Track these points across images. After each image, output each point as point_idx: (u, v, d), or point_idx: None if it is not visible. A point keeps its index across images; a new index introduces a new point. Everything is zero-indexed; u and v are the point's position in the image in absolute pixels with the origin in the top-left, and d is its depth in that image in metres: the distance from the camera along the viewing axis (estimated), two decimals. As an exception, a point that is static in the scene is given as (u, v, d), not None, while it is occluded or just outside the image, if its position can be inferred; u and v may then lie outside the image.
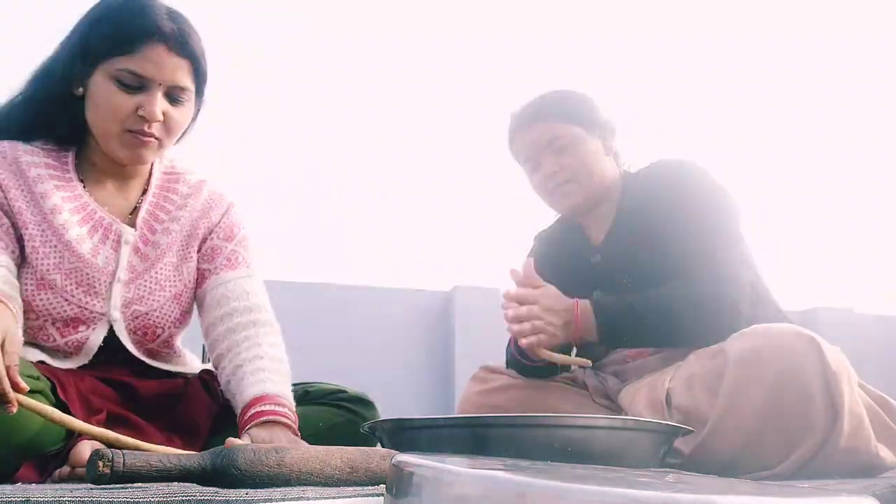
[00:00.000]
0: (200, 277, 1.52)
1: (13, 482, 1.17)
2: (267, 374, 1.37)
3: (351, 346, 4.78)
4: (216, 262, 1.51)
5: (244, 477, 0.80)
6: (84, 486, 0.95)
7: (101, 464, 0.77)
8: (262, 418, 1.28)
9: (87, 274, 1.38)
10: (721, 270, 1.53)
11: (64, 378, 1.32)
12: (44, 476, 1.24)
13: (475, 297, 5.07)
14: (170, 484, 0.86)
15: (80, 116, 1.39)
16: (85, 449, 1.22)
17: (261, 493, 0.77)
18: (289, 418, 1.30)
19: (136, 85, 1.34)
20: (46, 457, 1.24)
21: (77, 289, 1.37)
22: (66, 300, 1.36)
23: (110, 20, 1.35)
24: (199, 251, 1.52)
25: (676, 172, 1.68)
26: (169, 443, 1.35)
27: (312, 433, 1.42)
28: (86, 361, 1.40)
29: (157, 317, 1.46)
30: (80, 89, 1.37)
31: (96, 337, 1.40)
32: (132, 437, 1.31)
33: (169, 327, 1.49)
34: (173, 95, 1.37)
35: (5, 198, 1.35)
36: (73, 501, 0.71)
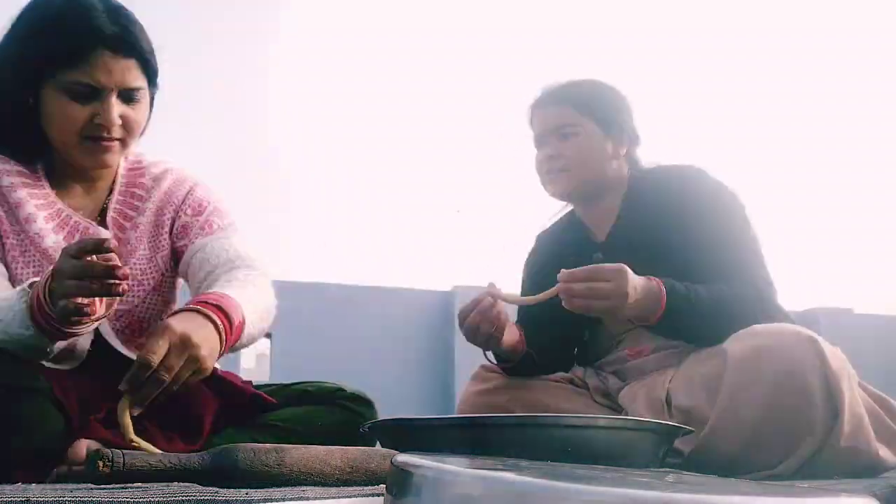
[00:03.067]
0: (179, 254, 1.51)
1: (13, 482, 1.17)
2: (231, 284, 1.35)
3: (351, 345, 4.78)
4: (191, 234, 1.50)
5: (244, 477, 0.80)
6: (84, 485, 0.95)
7: (101, 463, 0.77)
8: (189, 306, 1.24)
9: None
10: (756, 271, 1.56)
11: (62, 377, 1.32)
12: (43, 476, 1.23)
13: (475, 297, 5.07)
14: (170, 484, 0.86)
15: (38, 126, 1.37)
16: (80, 446, 1.22)
17: (261, 493, 0.77)
18: (213, 311, 1.23)
19: (88, 94, 1.31)
20: (46, 456, 1.24)
21: None
22: None
23: (52, 31, 1.30)
24: (170, 234, 1.51)
25: (687, 176, 1.69)
26: (170, 442, 1.35)
27: (312, 433, 1.42)
28: (77, 364, 1.40)
29: (141, 311, 1.46)
30: (31, 100, 1.34)
31: (84, 341, 1.39)
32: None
33: (154, 318, 1.49)
34: (128, 96, 1.35)
35: None
36: (73, 501, 0.71)
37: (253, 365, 6.23)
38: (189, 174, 1.57)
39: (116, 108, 1.33)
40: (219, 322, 1.23)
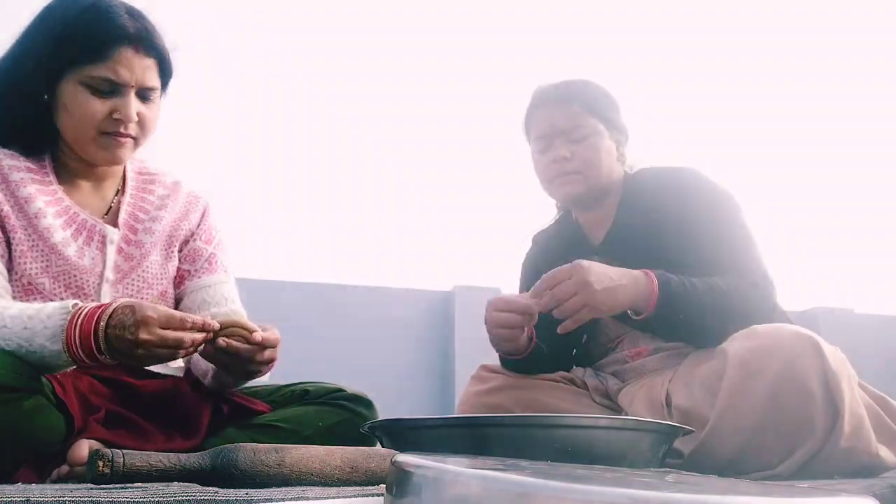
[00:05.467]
0: (179, 277, 1.56)
1: (13, 482, 1.17)
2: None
3: (351, 346, 4.78)
4: (197, 264, 1.56)
5: (244, 477, 0.80)
6: (84, 485, 0.95)
7: (101, 463, 0.77)
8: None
9: (75, 276, 1.38)
10: (753, 266, 1.56)
11: (62, 377, 1.32)
12: (43, 476, 1.23)
13: (475, 297, 5.07)
14: (170, 484, 0.86)
15: (50, 122, 1.40)
16: (82, 447, 1.22)
17: (261, 493, 0.77)
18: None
19: (109, 90, 1.36)
20: (46, 456, 1.24)
21: (66, 292, 1.37)
22: None
23: (76, 28, 1.35)
24: (179, 251, 1.56)
25: (682, 177, 1.69)
26: (169, 442, 1.35)
27: (312, 433, 1.42)
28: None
29: None
30: (46, 96, 1.38)
31: None
32: (132, 436, 1.31)
33: None
34: (144, 95, 1.40)
35: None
36: (73, 501, 0.70)
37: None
38: (198, 191, 1.63)
39: (135, 105, 1.38)
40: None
